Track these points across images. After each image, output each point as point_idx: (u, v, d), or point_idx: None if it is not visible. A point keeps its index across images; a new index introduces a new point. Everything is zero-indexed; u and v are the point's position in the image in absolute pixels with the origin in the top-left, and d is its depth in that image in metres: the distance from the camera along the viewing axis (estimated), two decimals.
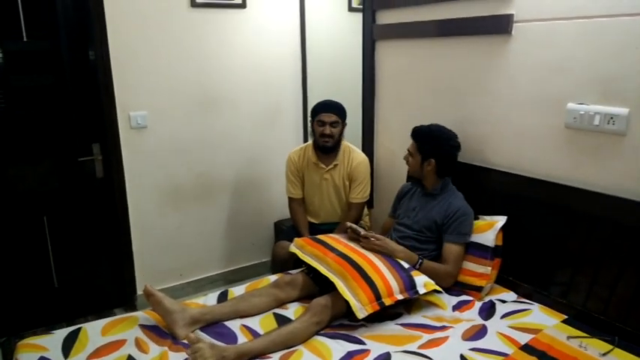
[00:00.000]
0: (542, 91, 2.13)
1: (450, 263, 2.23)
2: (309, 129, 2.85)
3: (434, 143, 2.32)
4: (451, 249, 2.24)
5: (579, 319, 1.98)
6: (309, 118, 2.85)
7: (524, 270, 2.25)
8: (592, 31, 1.92)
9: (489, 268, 2.21)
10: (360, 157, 2.80)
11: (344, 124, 2.76)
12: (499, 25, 2.22)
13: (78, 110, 2.77)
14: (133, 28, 2.77)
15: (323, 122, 2.70)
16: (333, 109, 2.72)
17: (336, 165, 2.78)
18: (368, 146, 3.10)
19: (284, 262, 2.64)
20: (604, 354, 1.74)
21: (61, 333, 1.91)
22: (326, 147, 2.74)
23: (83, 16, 2.66)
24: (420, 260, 2.22)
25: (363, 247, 2.23)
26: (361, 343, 1.89)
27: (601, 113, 1.92)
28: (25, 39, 2.55)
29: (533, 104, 2.17)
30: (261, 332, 1.96)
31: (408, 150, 2.40)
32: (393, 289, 2.02)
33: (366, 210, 2.95)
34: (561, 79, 2.05)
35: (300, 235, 2.66)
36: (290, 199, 2.91)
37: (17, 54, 2.58)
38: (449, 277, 2.23)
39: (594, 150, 1.98)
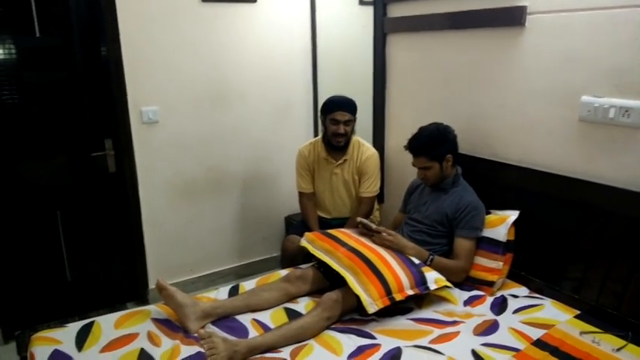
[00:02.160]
0: (555, 83, 2.10)
1: (461, 258, 2.22)
2: (320, 125, 2.81)
3: (440, 142, 2.28)
4: (463, 244, 2.23)
5: (592, 314, 1.97)
6: (319, 114, 2.81)
7: (536, 265, 2.24)
8: (606, 23, 1.89)
9: (501, 263, 2.20)
10: (370, 151, 2.78)
11: (355, 121, 2.73)
12: (512, 17, 2.19)
13: (90, 106, 2.79)
14: (145, 24, 2.78)
15: (337, 121, 2.64)
16: (347, 107, 2.65)
17: (345, 160, 2.77)
18: (379, 140, 3.09)
19: (293, 257, 2.64)
20: (617, 349, 1.73)
21: (75, 326, 1.94)
22: (339, 146, 2.71)
23: (95, 12, 2.67)
24: (431, 256, 2.20)
25: (375, 242, 2.23)
26: (372, 337, 1.89)
27: (616, 106, 1.89)
28: (37, 35, 2.57)
29: (547, 97, 2.14)
30: (272, 326, 1.97)
31: (422, 167, 2.31)
32: (403, 284, 2.01)
33: (376, 204, 2.94)
34: (575, 71, 2.02)
35: (310, 230, 2.66)
36: (300, 194, 2.91)
37: (30, 50, 2.60)
38: (461, 272, 2.22)
39: (609, 143, 1.96)
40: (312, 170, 2.86)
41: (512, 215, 2.23)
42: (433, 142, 2.28)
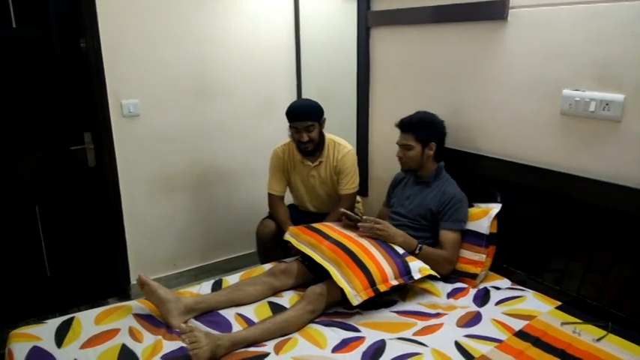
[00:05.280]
0: (537, 77, 2.12)
1: (448, 249, 2.23)
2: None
3: (430, 127, 2.33)
4: (448, 236, 2.24)
5: (573, 305, 2.00)
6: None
7: (518, 257, 2.26)
8: (588, 17, 1.91)
9: (484, 256, 2.21)
10: (345, 149, 2.70)
11: (322, 122, 2.64)
12: (495, 11, 2.20)
13: (69, 98, 2.74)
14: (125, 15, 2.73)
15: (297, 129, 2.58)
16: (304, 116, 2.56)
17: (321, 162, 2.70)
18: (363, 134, 3.08)
19: (267, 241, 2.67)
20: (598, 339, 1.75)
21: (54, 322, 1.90)
22: (307, 151, 2.66)
23: (73, 2, 2.62)
24: (420, 245, 2.21)
25: (363, 234, 2.22)
26: (356, 330, 1.89)
27: (596, 99, 1.91)
28: (14, 26, 2.51)
29: (529, 91, 2.16)
30: (256, 321, 1.95)
31: (403, 145, 2.35)
32: (387, 275, 2.01)
33: (358, 197, 2.93)
34: (557, 65, 2.04)
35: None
36: (270, 195, 2.81)
37: (6, 41, 2.54)
38: (448, 264, 2.23)
39: (590, 136, 1.98)
40: (286, 172, 2.79)
41: (495, 208, 2.25)
42: (424, 124, 2.33)
